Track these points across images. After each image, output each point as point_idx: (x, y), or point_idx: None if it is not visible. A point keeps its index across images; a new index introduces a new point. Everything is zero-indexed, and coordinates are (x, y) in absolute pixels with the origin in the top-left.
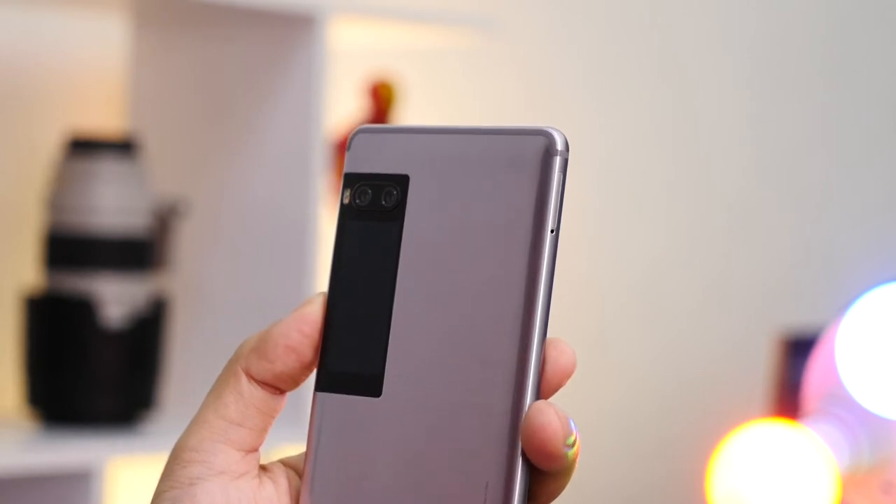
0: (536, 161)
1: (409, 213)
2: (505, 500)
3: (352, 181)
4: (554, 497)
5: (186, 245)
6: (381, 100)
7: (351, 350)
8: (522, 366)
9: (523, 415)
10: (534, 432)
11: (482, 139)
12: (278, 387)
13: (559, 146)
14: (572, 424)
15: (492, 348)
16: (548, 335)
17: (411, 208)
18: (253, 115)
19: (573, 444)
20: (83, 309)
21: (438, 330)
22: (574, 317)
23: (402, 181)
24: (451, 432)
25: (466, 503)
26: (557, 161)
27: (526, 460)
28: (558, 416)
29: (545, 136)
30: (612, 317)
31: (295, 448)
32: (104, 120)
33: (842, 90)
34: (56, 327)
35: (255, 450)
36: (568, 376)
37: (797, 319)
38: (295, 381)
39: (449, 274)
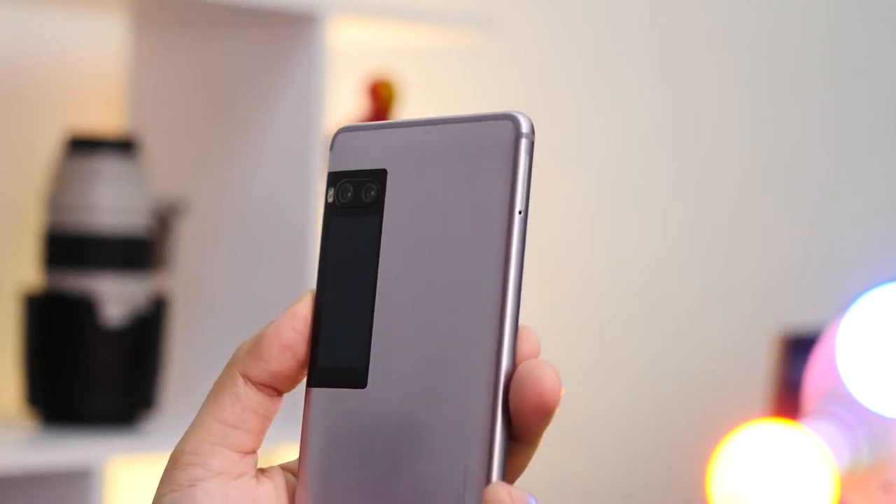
0: (503, 145)
1: (388, 206)
2: (485, 480)
3: (334, 180)
4: (522, 470)
5: (186, 245)
6: (381, 99)
7: (337, 344)
8: (497, 348)
9: (499, 396)
10: (533, 386)
11: (452, 128)
12: (276, 387)
13: (524, 129)
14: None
15: (467, 333)
16: (544, 332)
17: (390, 201)
18: (253, 115)
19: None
20: (83, 308)
21: (419, 318)
22: (574, 317)
23: (380, 176)
24: (432, 419)
25: (446, 486)
26: (524, 143)
27: (504, 440)
28: (552, 369)
29: (511, 121)
30: (612, 317)
31: (293, 446)
32: (104, 120)
33: (842, 90)
34: (56, 327)
35: (253, 452)
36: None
37: (797, 319)
38: (292, 380)
39: (427, 262)
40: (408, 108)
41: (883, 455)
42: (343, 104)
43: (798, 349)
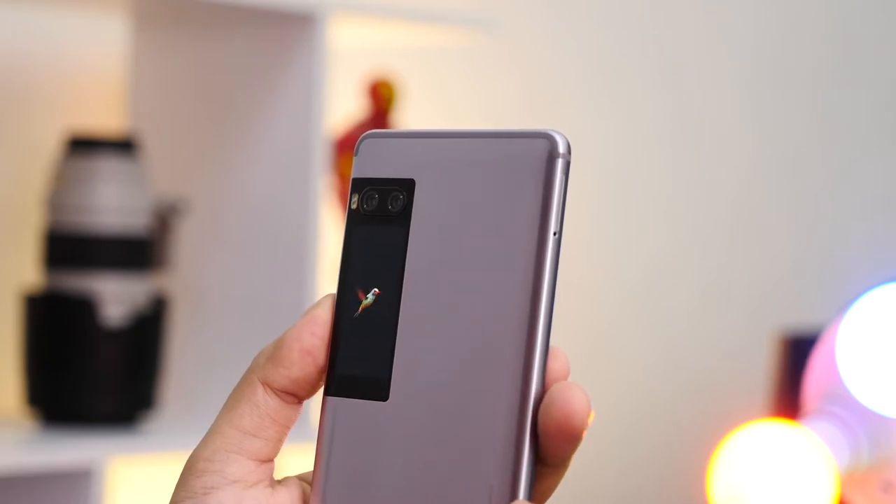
0: (539, 164)
1: (416, 216)
2: (510, 500)
3: (359, 186)
4: (549, 494)
5: (186, 245)
6: (381, 99)
7: (358, 354)
8: (527, 367)
9: (528, 416)
10: (561, 407)
11: (486, 143)
12: (296, 394)
13: (561, 149)
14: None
15: (497, 350)
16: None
17: (417, 212)
18: (253, 114)
19: (588, 424)
20: (83, 308)
21: (444, 333)
22: (574, 317)
23: (408, 185)
24: (457, 435)
25: None
26: (560, 164)
27: (531, 461)
28: (583, 391)
29: (548, 139)
30: (612, 317)
31: (298, 448)
32: (104, 120)
33: (842, 90)
34: (56, 326)
35: (270, 460)
36: (562, 380)
37: (797, 319)
38: (312, 386)
39: (454, 277)
40: (408, 108)
41: (883, 455)
42: (343, 104)
43: (798, 349)
